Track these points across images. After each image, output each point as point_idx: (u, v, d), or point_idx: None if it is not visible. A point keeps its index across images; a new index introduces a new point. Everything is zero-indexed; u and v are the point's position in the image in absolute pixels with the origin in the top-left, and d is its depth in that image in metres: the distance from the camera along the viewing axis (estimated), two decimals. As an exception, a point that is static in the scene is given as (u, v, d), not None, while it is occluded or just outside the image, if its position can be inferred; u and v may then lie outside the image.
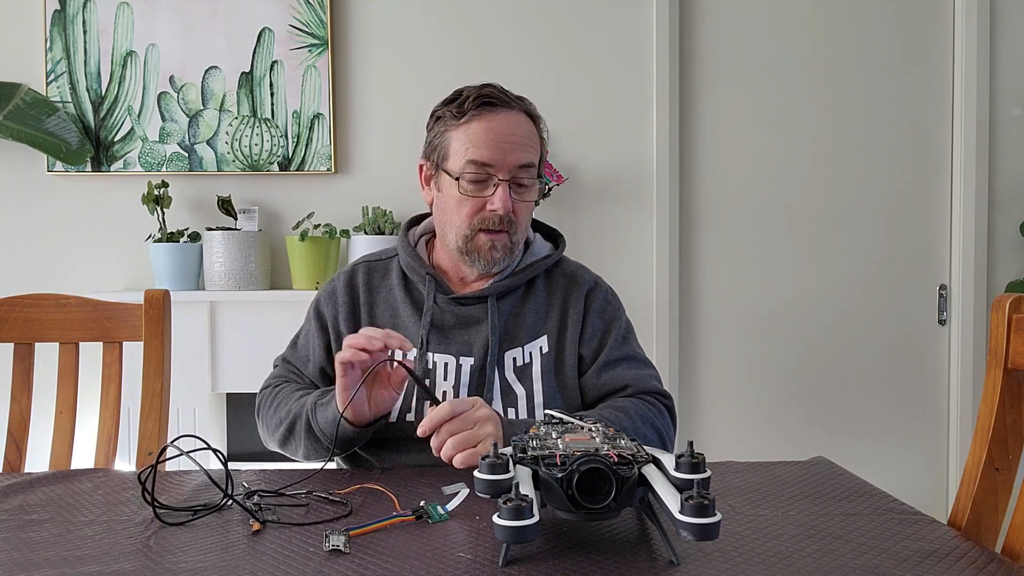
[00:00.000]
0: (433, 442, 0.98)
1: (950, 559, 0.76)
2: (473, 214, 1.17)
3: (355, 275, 1.27)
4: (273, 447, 1.21)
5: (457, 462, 0.96)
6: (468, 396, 1.19)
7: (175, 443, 0.92)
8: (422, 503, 0.88)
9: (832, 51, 2.52)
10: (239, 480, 1.04)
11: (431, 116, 1.24)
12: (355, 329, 1.22)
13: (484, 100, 1.16)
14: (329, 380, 1.26)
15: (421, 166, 1.27)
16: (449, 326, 1.21)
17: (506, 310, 1.22)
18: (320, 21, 2.43)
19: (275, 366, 1.31)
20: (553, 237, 1.34)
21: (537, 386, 1.19)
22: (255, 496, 0.94)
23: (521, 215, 1.19)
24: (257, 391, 1.29)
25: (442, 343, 1.20)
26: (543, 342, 1.22)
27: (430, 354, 1.20)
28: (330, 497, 0.97)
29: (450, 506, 0.89)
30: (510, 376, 1.19)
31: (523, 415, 1.18)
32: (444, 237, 1.23)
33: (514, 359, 1.20)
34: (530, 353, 1.21)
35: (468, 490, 0.92)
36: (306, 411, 1.11)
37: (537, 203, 2.37)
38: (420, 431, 0.97)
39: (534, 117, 1.22)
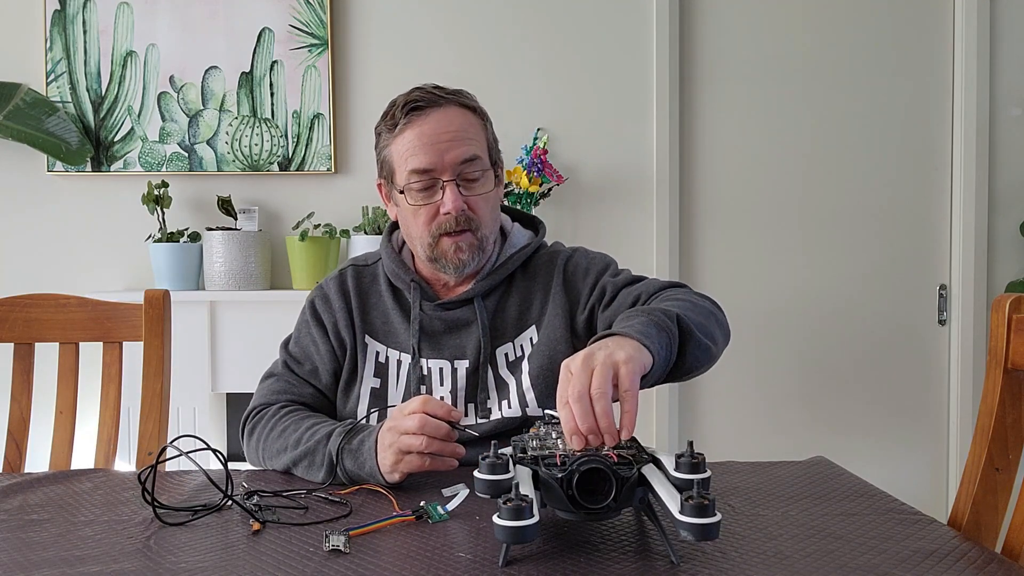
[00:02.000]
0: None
1: (950, 559, 0.76)
2: (429, 221, 1.15)
3: (345, 280, 1.26)
4: (264, 466, 1.15)
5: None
6: (464, 397, 1.18)
7: (175, 443, 0.92)
8: (422, 503, 0.88)
9: (832, 51, 2.52)
10: (239, 480, 1.04)
11: (375, 134, 1.22)
12: (354, 335, 1.22)
13: (412, 106, 1.14)
14: (336, 384, 1.23)
15: (379, 185, 1.26)
16: (439, 332, 1.20)
17: (491, 307, 1.21)
18: (320, 21, 2.43)
19: (267, 378, 1.25)
20: (533, 224, 1.32)
21: (525, 374, 1.18)
22: (255, 496, 0.94)
23: (480, 209, 1.16)
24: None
25: (435, 349, 1.19)
26: (532, 333, 1.21)
27: (424, 360, 1.19)
28: (330, 497, 0.97)
29: (450, 506, 0.89)
30: (503, 372, 1.19)
31: (515, 402, 1.17)
32: (414, 249, 1.22)
33: (505, 355, 1.20)
34: (520, 347, 1.20)
35: (468, 490, 0.92)
36: (330, 452, 1.03)
37: (539, 200, 2.35)
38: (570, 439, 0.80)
39: (470, 107, 1.18)
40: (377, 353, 1.21)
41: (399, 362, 1.20)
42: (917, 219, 2.55)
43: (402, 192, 1.16)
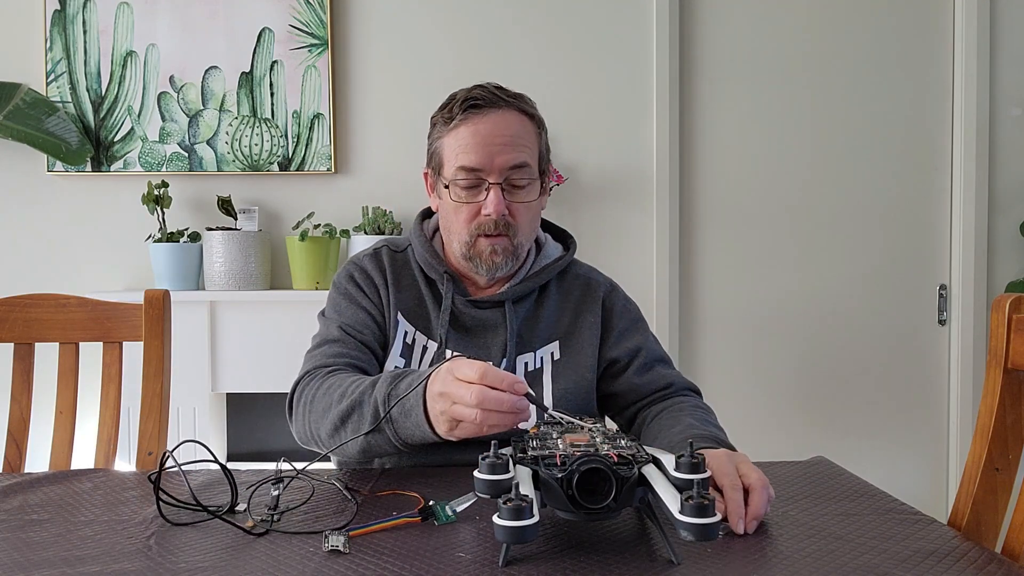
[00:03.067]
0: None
1: (950, 559, 0.76)
2: (470, 219, 1.15)
3: (381, 257, 1.24)
4: (317, 439, 1.05)
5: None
6: None
7: (175, 453, 0.91)
8: (431, 503, 0.88)
9: (832, 51, 2.52)
10: (247, 485, 1.04)
11: (430, 123, 1.22)
12: (389, 310, 1.19)
13: (471, 103, 1.13)
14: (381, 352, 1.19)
15: (426, 174, 1.26)
16: (467, 327, 1.20)
17: (521, 314, 1.21)
18: (320, 21, 2.43)
19: (320, 344, 1.16)
20: (563, 238, 1.33)
21: (547, 390, 1.18)
22: (280, 484, 0.93)
23: (520, 217, 1.16)
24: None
25: (460, 344, 1.19)
26: (554, 348, 1.21)
27: (449, 352, 1.18)
28: (337, 484, 0.96)
29: (459, 508, 0.88)
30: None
31: (533, 418, 1.16)
32: (450, 244, 1.21)
33: (525, 364, 1.20)
34: (541, 358, 1.20)
35: (476, 497, 0.90)
36: (375, 399, 0.96)
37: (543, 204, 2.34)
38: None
39: (529, 114, 1.18)
40: (406, 333, 1.20)
41: (424, 348, 1.19)
42: (917, 219, 2.55)
43: (447, 187, 1.16)
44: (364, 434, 0.97)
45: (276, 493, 0.91)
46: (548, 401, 1.17)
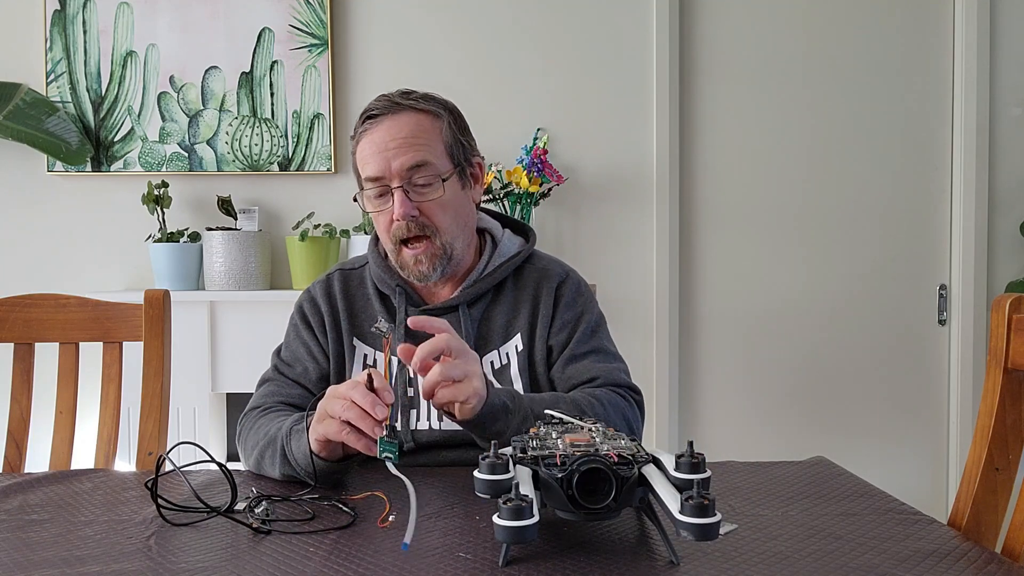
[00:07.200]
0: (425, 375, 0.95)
1: (950, 559, 0.76)
2: (387, 227, 1.17)
3: (331, 284, 1.26)
4: (251, 469, 1.13)
5: (440, 397, 0.95)
6: None
7: (173, 452, 0.91)
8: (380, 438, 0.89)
9: (832, 51, 2.53)
10: (248, 485, 1.03)
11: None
12: (338, 338, 1.22)
13: (368, 115, 1.16)
14: (326, 385, 1.23)
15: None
16: (424, 337, 1.20)
17: (477, 315, 1.21)
18: (320, 21, 2.44)
19: (261, 384, 1.25)
20: (524, 232, 1.31)
21: (517, 385, 1.18)
22: (263, 503, 0.92)
23: (435, 216, 1.15)
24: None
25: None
26: (517, 341, 1.20)
27: (409, 366, 1.19)
28: (340, 506, 0.95)
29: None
30: (490, 379, 1.18)
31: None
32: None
33: (491, 363, 1.19)
34: (506, 354, 1.20)
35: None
36: (282, 436, 1.05)
37: (539, 200, 2.33)
38: (418, 355, 0.95)
39: (428, 112, 1.16)
40: (365, 356, 1.22)
41: (389, 364, 1.20)
42: (917, 219, 2.55)
43: (358, 198, 1.20)
44: (278, 478, 1.05)
45: (262, 508, 0.90)
46: (518, 385, 1.17)
